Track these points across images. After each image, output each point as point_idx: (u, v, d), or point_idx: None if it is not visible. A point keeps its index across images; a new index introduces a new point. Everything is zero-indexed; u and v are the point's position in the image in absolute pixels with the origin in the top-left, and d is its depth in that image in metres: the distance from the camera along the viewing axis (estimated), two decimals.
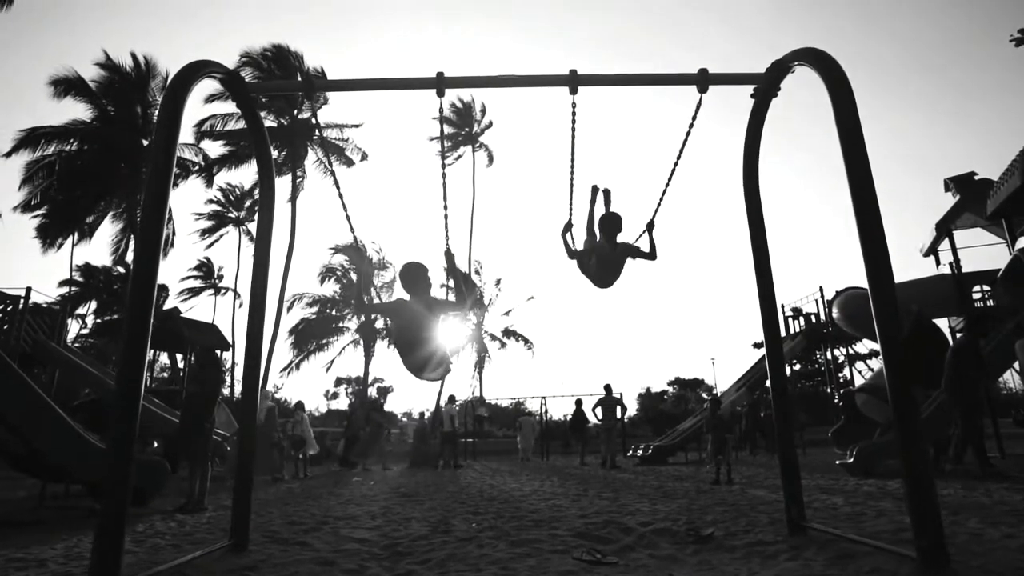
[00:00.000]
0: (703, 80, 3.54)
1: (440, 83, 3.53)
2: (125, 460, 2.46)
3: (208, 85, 24.75)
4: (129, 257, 24.07)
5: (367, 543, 3.85)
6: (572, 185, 4.24)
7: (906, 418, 2.54)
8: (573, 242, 4.54)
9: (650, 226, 4.44)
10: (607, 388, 14.31)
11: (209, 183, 27.02)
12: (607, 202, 4.74)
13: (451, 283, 4.14)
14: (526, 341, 33.61)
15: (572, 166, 4.12)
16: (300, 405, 13.40)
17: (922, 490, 2.44)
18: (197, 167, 25.44)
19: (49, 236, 23.25)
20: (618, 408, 14.53)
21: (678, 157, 4.03)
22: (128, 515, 2.54)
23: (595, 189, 4.66)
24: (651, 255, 4.42)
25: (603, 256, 4.40)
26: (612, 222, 4.41)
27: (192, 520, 5.29)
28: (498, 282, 33.72)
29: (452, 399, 16.87)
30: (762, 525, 4.02)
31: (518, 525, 4.43)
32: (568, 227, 4.50)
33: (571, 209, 4.40)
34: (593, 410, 14.37)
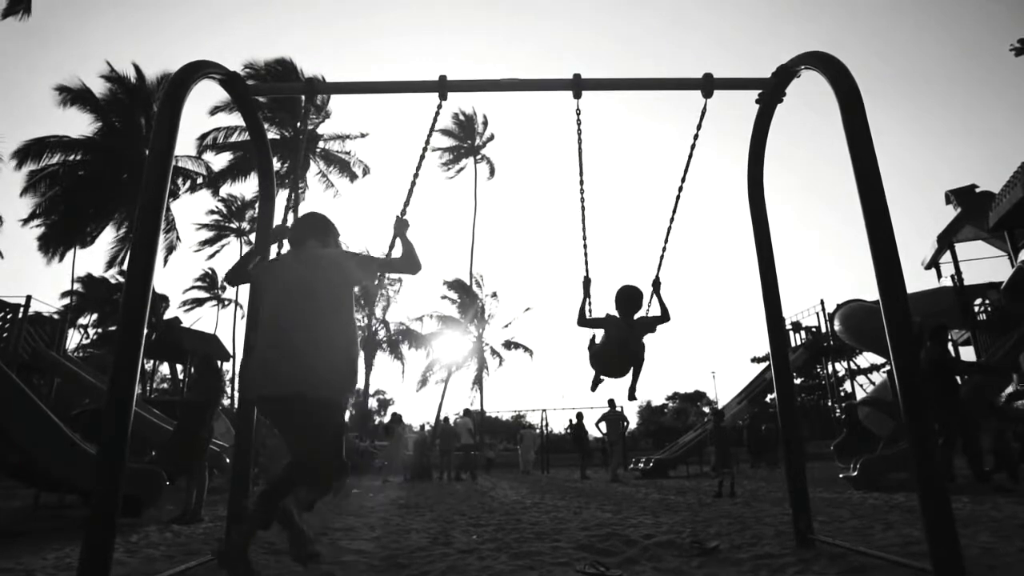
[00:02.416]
0: (708, 85, 3.51)
1: (443, 87, 3.50)
2: (115, 465, 2.39)
3: (212, 96, 24.91)
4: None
5: (366, 554, 3.77)
6: (583, 213, 3.90)
7: (919, 429, 2.47)
8: (590, 305, 4.03)
9: (656, 285, 4.10)
10: (611, 403, 14.26)
11: (215, 193, 27.12)
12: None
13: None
14: (526, 349, 33.53)
15: (582, 188, 3.86)
16: None
17: (936, 501, 2.37)
18: (201, 178, 25.51)
19: (51, 246, 23.27)
20: (621, 422, 14.48)
21: (682, 181, 3.87)
22: (121, 525, 2.48)
23: (588, 282, 4.07)
24: (664, 317, 4.03)
25: (619, 336, 3.96)
26: (630, 299, 3.98)
27: (188, 531, 5.20)
28: (494, 294, 33.61)
29: (468, 412, 17.15)
30: (768, 538, 3.94)
31: (519, 537, 4.35)
32: (587, 284, 4.02)
33: (586, 256, 3.96)
34: (597, 425, 14.31)
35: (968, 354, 13.73)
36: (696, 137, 3.73)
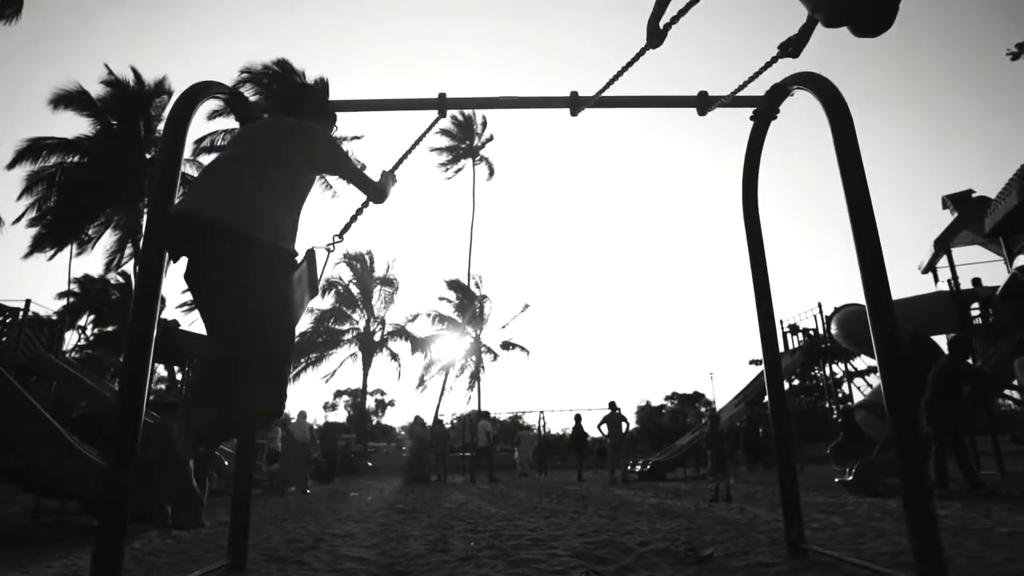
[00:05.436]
0: (703, 103, 3.58)
1: (442, 104, 3.56)
2: (125, 474, 2.45)
3: (213, 102, 24.95)
4: (124, 267, 24.47)
5: (365, 562, 3.83)
6: None
7: (906, 437, 2.53)
8: None
9: None
10: (612, 405, 14.30)
11: None
12: None
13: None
14: (523, 348, 33.61)
15: None
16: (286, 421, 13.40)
17: (922, 512, 2.43)
18: None
19: (47, 247, 23.25)
20: (623, 424, 14.55)
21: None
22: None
23: None
24: None
25: None
26: None
27: (189, 536, 5.25)
28: (484, 297, 33.63)
29: (486, 414, 17.24)
30: (761, 545, 4.00)
31: (517, 544, 4.40)
32: None
33: None
34: (598, 427, 14.36)
35: None
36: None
